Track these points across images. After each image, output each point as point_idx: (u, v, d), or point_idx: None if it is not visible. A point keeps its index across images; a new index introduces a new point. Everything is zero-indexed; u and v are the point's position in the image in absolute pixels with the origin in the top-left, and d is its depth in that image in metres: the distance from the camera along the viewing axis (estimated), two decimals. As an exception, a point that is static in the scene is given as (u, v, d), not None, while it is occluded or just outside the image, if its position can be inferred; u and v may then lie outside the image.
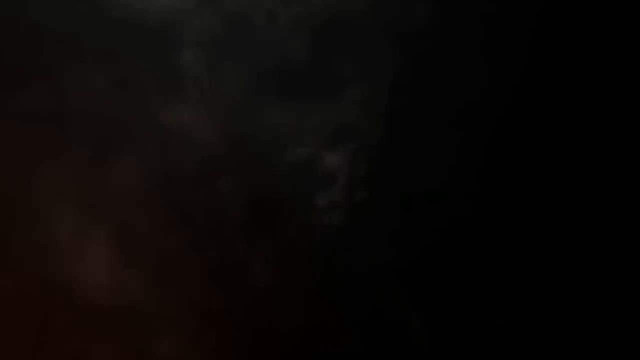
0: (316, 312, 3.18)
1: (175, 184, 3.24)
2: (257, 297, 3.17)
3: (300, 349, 3.17)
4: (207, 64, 3.35)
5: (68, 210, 3.18)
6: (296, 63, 3.36)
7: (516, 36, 3.30)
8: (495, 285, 3.21)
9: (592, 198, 3.22)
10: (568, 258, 3.20)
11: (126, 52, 3.32)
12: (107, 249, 3.16)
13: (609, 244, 3.19)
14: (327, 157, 3.37)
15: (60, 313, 3.10)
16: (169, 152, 3.28)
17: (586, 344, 3.14)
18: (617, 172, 3.22)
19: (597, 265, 3.19)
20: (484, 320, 3.18)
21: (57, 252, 3.14)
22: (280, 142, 3.32)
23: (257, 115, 3.32)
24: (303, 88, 3.35)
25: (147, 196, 3.22)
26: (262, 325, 3.16)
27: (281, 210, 3.29)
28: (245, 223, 3.25)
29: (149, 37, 3.33)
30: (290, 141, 3.33)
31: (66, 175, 3.19)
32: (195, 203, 3.24)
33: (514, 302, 3.19)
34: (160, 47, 3.34)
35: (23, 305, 3.11)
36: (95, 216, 3.19)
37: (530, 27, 3.30)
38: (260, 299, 3.18)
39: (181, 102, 3.31)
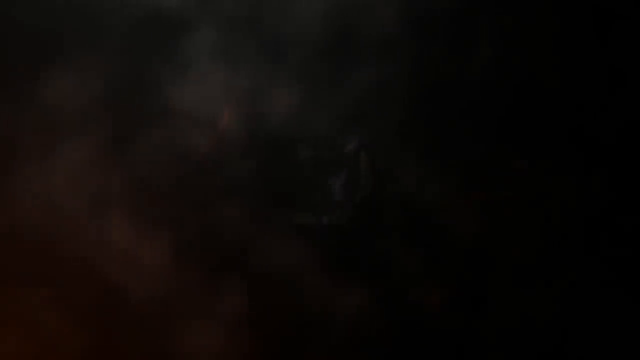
0: (316, 309, 3.19)
1: (187, 170, 3.26)
2: (264, 285, 3.18)
3: (301, 345, 3.18)
4: (220, 48, 3.36)
5: (86, 196, 3.20)
6: (309, 51, 3.37)
7: (517, 36, 3.31)
8: (495, 285, 3.21)
9: (592, 197, 3.22)
10: (568, 258, 3.21)
11: (140, 38, 3.34)
12: (125, 234, 3.17)
13: (609, 243, 3.19)
14: (330, 156, 3.39)
15: (81, 296, 3.12)
16: (182, 139, 3.29)
17: (586, 343, 3.14)
18: (617, 171, 3.22)
19: (598, 264, 3.19)
20: (485, 319, 3.19)
21: (76, 237, 3.15)
22: (288, 135, 3.34)
23: (268, 104, 3.34)
24: (316, 76, 3.36)
25: (158, 183, 3.24)
26: (271, 310, 3.17)
27: (286, 205, 3.31)
28: (251, 215, 3.26)
29: (161, 23, 3.35)
30: (299, 134, 3.35)
31: (84, 163, 3.21)
32: (205, 189, 3.26)
33: (514, 301, 3.19)
34: (173, 32, 3.36)
35: (46, 287, 3.13)
36: (112, 202, 3.21)
37: (530, 27, 3.31)
38: (268, 286, 3.19)
39: (195, 88, 3.31)
